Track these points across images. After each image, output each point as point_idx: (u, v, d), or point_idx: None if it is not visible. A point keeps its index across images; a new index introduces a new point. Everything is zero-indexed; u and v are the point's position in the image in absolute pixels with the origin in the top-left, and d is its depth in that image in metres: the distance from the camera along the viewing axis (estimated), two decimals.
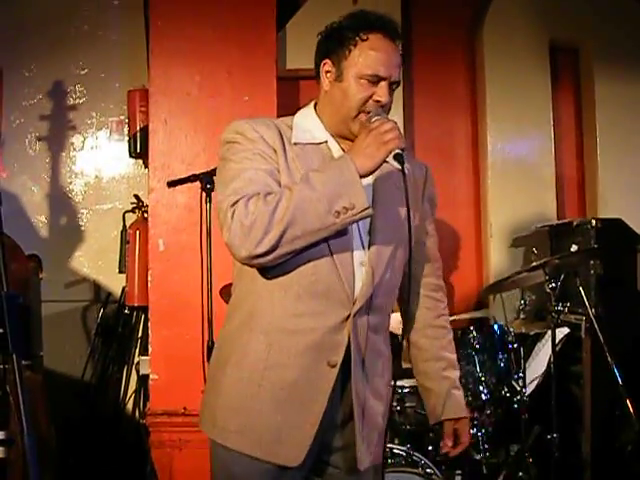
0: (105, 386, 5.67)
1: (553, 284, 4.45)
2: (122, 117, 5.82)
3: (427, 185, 2.88)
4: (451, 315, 3.12)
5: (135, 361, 5.63)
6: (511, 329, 4.22)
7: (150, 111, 4.98)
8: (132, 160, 5.76)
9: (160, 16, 5.01)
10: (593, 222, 5.03)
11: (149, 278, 4.90)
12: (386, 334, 2.76)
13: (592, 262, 4.95)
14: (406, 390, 4.24)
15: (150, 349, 4.89)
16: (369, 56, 2.51)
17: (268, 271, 2.49)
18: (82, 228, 5.84)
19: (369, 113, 2.52)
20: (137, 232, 5.33)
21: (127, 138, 5.66)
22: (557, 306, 4.46)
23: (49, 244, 5.78)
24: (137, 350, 5.63)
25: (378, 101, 2.52)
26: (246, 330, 2.55)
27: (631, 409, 4.31)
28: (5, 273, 2.16)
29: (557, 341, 4.54)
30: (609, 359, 4.37)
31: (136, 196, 5.53)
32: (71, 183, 5.85)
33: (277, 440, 2.49)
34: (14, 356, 2.08)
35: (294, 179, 2.47)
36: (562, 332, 4.73)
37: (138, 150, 5.40)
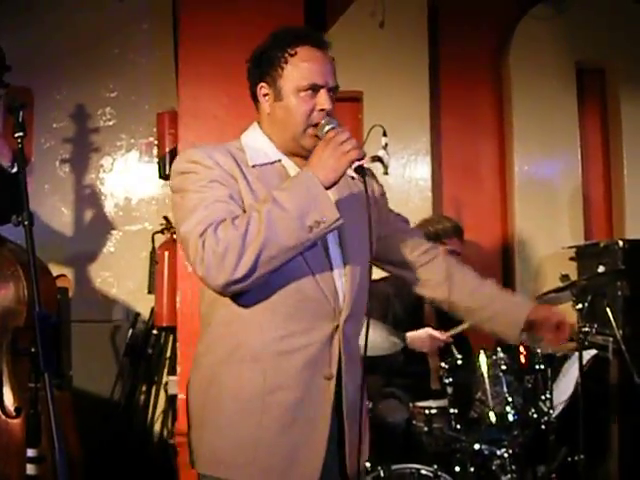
0: (134, 406, 5.69)
1: (580, 305, 4.44)
2: (151, 139, 5.89)
3: (377, 189, 2.94)
4: None
5: (164, 381, 5.66)
6: (538, 350, 4.20)
7: (179, 133, 5.02)
8: (161, 181, 5.79)
9: (189, 39, 5.07)
10: (620, 243, 5.02)
11: (178, 299, 4.92)
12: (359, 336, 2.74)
13: (619, 283, 4.94)
14: (433, 411, 4.24)
15: (178, 369, 4.91)
16: (302, 68, 2.54)
17: (250, 297, 2.47)
18: (112, 249, 5.89)
19: (317, 125, 2.53)
20: (166, 253, 5.37)
21: (156, 160, 5.71)
22: (584, 327, 4.45)
23: (79, 265, 5.82)
24: (166, 370, 5.65)
25: (322, 109, 2.54)
26: (234, 361, 2.51)
27: None
28: (38, 293, 2.20)
29: (584, 362, 4.53)
30: (636, 380, 4.36)
31: (165, 217, 5.58)
32: (101, 204, 5.90)
33: (290, 464, 2.48)
34: (45, 375, 2.10)
35: (257, 201, 2.46)
36: (589, 353, 4.70)
37: (167, 172, 5.43)
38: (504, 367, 4.08)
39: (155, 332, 5.59)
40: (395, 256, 2.96)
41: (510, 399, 4.03)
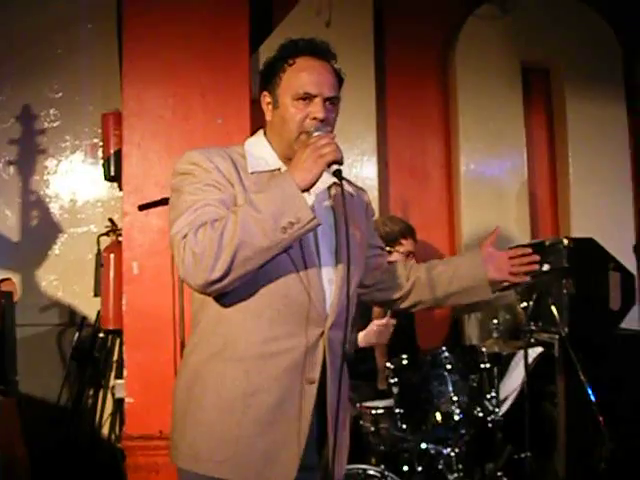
0: (81, 410, 5.64)
1: (525, 303, 4.47)
2: (96, 140, 5.83)
3: (369, 209, 3.01)
4: None
5: (111, 385, 5.61)
6: (483, 349, 4.23)
7: (124, 134, 4.98)
8: (107, 183, 5.76)
9: (133, 39, 5.02)
10: (565, 241, 5.06)
11: (124, 302, 4.89)
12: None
13: (564, 281, 4.97)
14: (380, 411, 4.24)
15: (125, 372, 4.88)
16: (298, 77, 2.58)
17: (237, 299, 2.52)
18: (57, 252, 5.83)
19: (309, 131, 2.56)
20: (112, 255, 5.32)
21: (101, 161, 5.65)
22: (530, 325, 4.49)
23: (24, 268, 5.76)
24: (113, 374, 5.60)
25: (315, 118, 2.56)
26: (219, 360, 2.56)
27: (604, 427, 4.34)
28: None
29: (531, 360, 4.56)
30: (582, 378, 4.39)
31: (110, 220, 5.54)
32: (46, 207, 5.84)
33: (267, 463, 2.51)
34: None
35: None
36: (535, 351, 4.74)
37: (112, 173, 5.40)
38: (449, 366, 4.09)
39: (102, 335, 5.54)
40: (366, 279, 3.00)
41: (455, 398, 4.05)
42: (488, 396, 4.21)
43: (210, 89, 5.01)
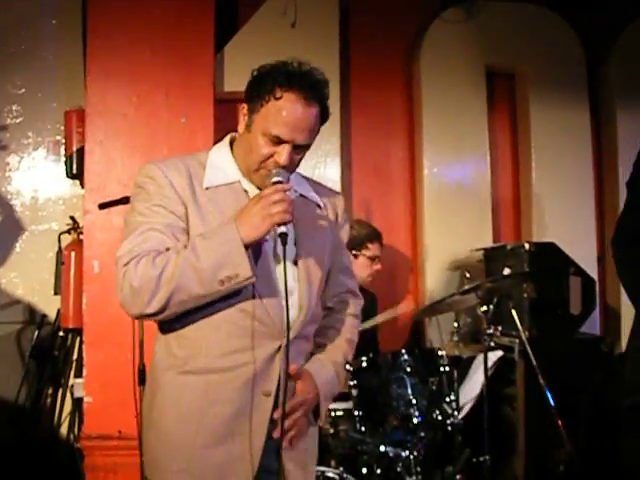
0: (40, 409, 5.58)
1: (485, 307, 4.49)
2: (59, 137, 5.76)
3: (341, 214, 2.94)
4: None
5: (70, 384, 5.56)
6: (442, 352, 4.24)
7: (86, 131, 4.96)
8: (69, 181, 5.69)
9: (97, 36, 5.00)
10: (526, 246, 5.10)
11: (84, 300, 4.87)
12: (307, 356, 2.80)
13: (525, 285, 5.01)
14: (339, 413, 4.25)
15: (84, 372, 4.86)
16: (276, 117, 2.49)
17: (195, 315, 2.53)
18: (18, 249, 5.75)
19: (270, 171, 2.53)
20: (72, 254, 5.26)
21: (64, 159, 5.60)
22: (489, 329, 4.51)
23: None
24: (72, 373, 5.55)
25: (277, 162, 2.51)
26: (180, 372, 2.58)
27: (562, 430, 4.37)
28: None
29: (491, 364, 4.58)
30: (541, 381, 4.43)
31: (72, 217, 5.48)
32: (7, 204, 5.77)
33: (222, 474, 2.53)
34: None
35: (207, 224, 2.52)
36: (496, 355, 4.76)
37: (74, 171, 5.34)
38: (408, 369, 4.10)
39: (61, 334, 5.48)
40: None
41: (414, 401, 4.05)
42: (447, 399, 4.21)
43: (174, 88, 5.01)
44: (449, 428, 4.28)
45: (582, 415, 4.94)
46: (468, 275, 5.30)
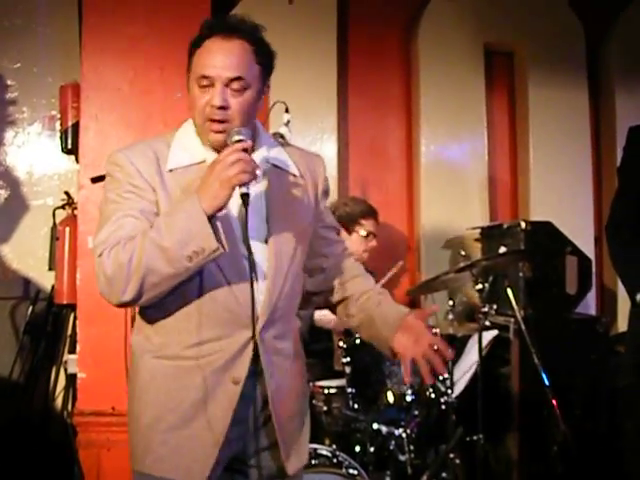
0: (33, 385, 5.57)
1: (481, 285, 4.48)
2: (54, 112, 5.72)
3: (322, 180, 2.85)
4: None
5: (64, 360, 5.55)
6: (436, 330, 4.22)
7: (81, 106, 4.92)
8: (64, 156, 5.65)
9: (93, 11, 4.95)
10: (523, 224, 5.08)
11: (78, 276, 4.84)
12: (294, 335, 2.75)
13: (521, 264, 5.00)
14: (332, 391, 4.24)
15: (78, 347, 4.84)
16: (199, 59, 2.47)
17: (169, 304, 2.51)
18: (12, 224, 5.74)
19: (213, 120, 2.47)
20: (67, 229, 5.24)
21: (59, 134, 5.57)
22: (485, 308, 4.50)
23: None
24: (66, 348, 5.54)
25: (213, 105, 2.44)
26: (153, 357, 2.57)
27: (557, 410, 4.37)
28: None
29: (485, 343, 4.57)
30: (536, 361, 4.42)
31: (66, 193, 5.46)
32: (1, 178, 5.75)
33: (183, 458, 2.52)
34: None
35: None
36: (491, 334, 4.76)
37: (69, 146, 5.31)
38: None
39: (55, 309, 5.47)
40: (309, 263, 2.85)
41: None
42: (441, 378, 4.21)
43: (169, 63, 4.96)
44: (443, 406, 4.28)
45: (577, 395, 4.94)
46: (463, 253, 5.29)
